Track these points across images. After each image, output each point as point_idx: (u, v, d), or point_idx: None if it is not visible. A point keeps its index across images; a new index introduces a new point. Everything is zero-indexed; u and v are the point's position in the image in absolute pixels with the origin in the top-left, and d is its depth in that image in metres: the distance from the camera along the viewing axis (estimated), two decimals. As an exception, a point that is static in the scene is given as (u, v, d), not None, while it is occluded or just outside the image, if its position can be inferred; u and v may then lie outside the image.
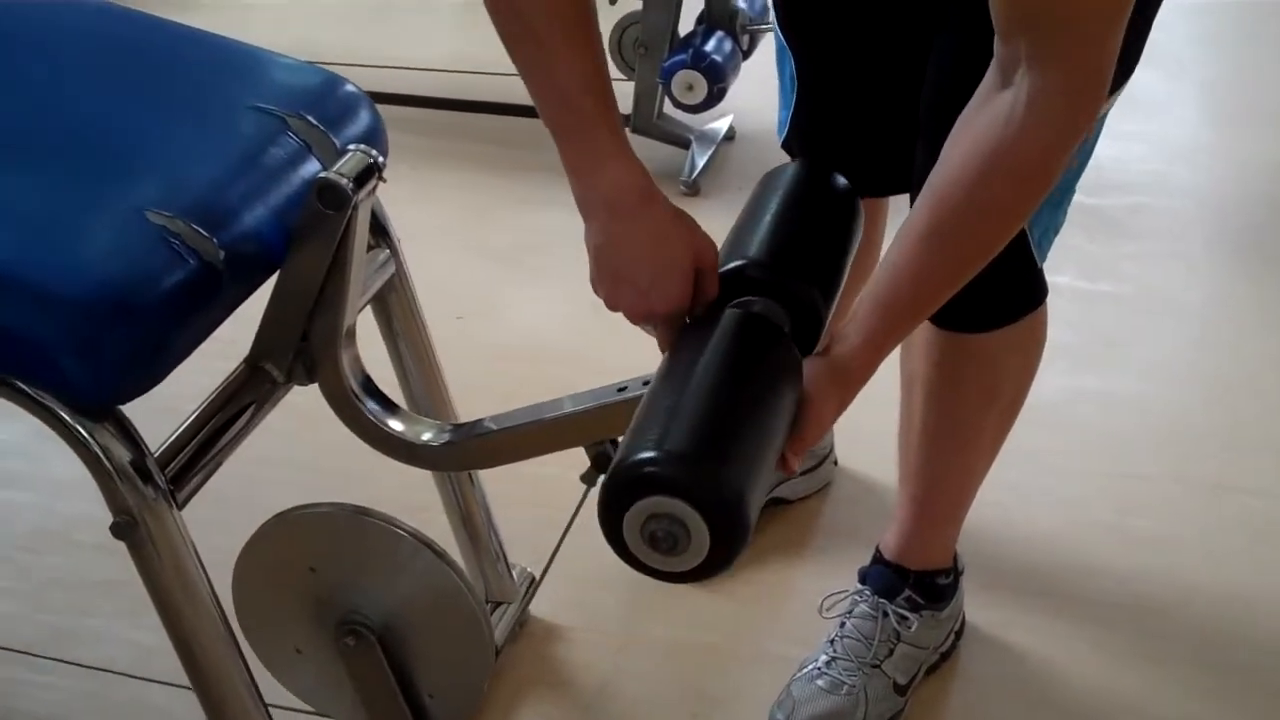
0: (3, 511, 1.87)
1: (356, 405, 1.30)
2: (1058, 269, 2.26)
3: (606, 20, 2.57)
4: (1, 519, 1.85)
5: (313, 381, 1.30)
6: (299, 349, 1.27)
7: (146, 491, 1.14)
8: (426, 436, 1.32)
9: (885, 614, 1.56)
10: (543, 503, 1.76)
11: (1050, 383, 2.04)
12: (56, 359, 1.09)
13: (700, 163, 2.57)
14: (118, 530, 1.14)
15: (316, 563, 1.36)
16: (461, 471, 1.54)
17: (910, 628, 1.56)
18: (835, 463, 1.90)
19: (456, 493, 1.56)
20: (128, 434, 1.13)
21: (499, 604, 1.64)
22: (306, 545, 1.35)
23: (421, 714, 1.43)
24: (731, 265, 1.15)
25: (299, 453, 1.75)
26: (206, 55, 1.42)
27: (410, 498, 1.52)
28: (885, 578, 1.58)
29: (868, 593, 1.58)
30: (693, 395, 1.03)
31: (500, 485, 1.58)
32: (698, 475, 0.98)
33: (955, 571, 1.61)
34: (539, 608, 1.69)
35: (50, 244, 1.12)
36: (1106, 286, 2.29)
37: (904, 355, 1.49)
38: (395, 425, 1.32)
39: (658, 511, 0.98)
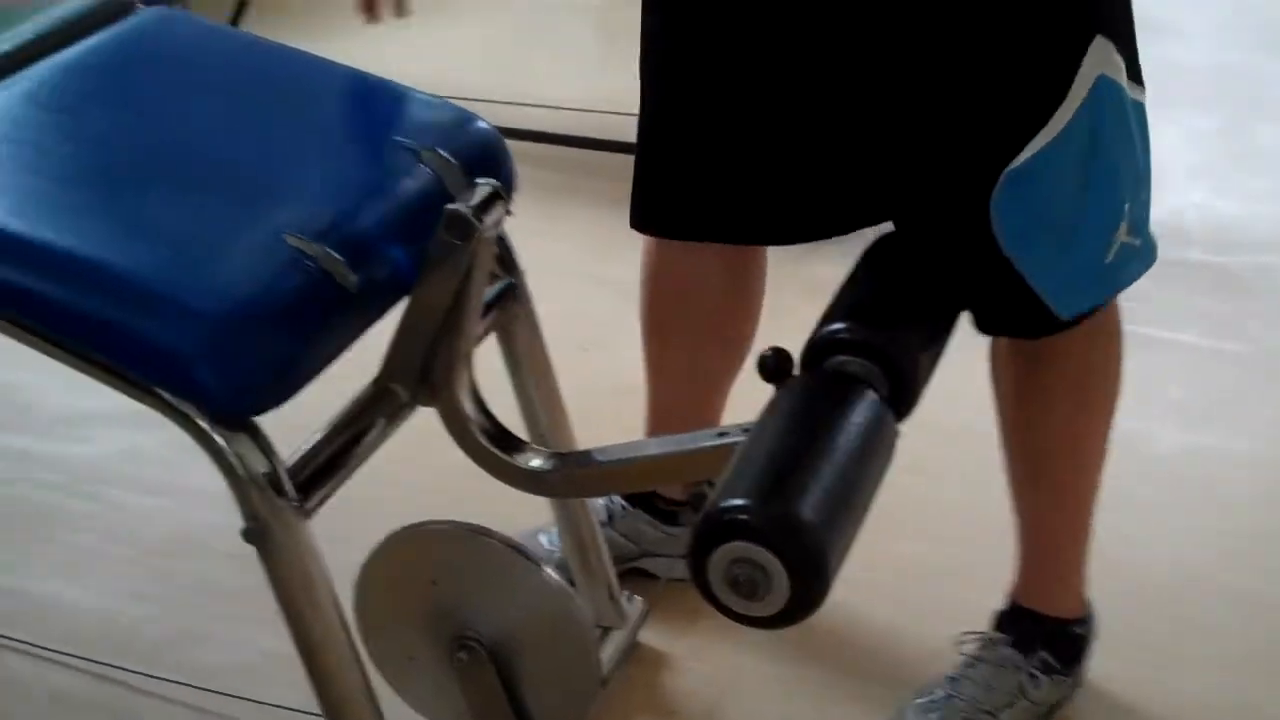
0: (140, 517, 1.95)
1: (471, 429, 1.36)
2: (1180, 327, 2.28)
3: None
4: (139, 524, 1.93)
5: (435, 404, 1.35)
6: (423, 371, 1.33)
7: (277, 501, 1.20)
8: (536, 463, 1.37)
9: (1018, 667, 1.56)
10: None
11: (1167, 439, 2.05)
12: (197, 370, 1.15)
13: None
14: (249, 536, 1.20)
15: (438, 576, 1.41)
16: (571, 498, 1.59)
17: (1039, 688, 1.56)
18: None
19: (570, 519, 1.61)
20: (262, 445, 1.19)
21: (609, 630, 1.68)
22: (430, 559, 1.41)
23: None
24: (833, 327, 1.20)
25: (416, 473, 1.80)
26: (346, 89, 1.50)
27: (527, 522, 1.57)
28: (1020, 626, 1.58)
29: (1004, 643, 1.57)
30: (785, 449, 1.09)
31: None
32: (782, 525, 1.03)
33: (1087, 622, 1.61)
34: (649, 636, 1.72)
35: (195, 263, 1.19)
36: (1229, 346, 2.27)
37: (994, 387, 1.51)
38: (507, 450, 1.37)
39: (742, 557, 1.03)
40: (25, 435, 2.11)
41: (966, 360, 1.41)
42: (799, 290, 1.34)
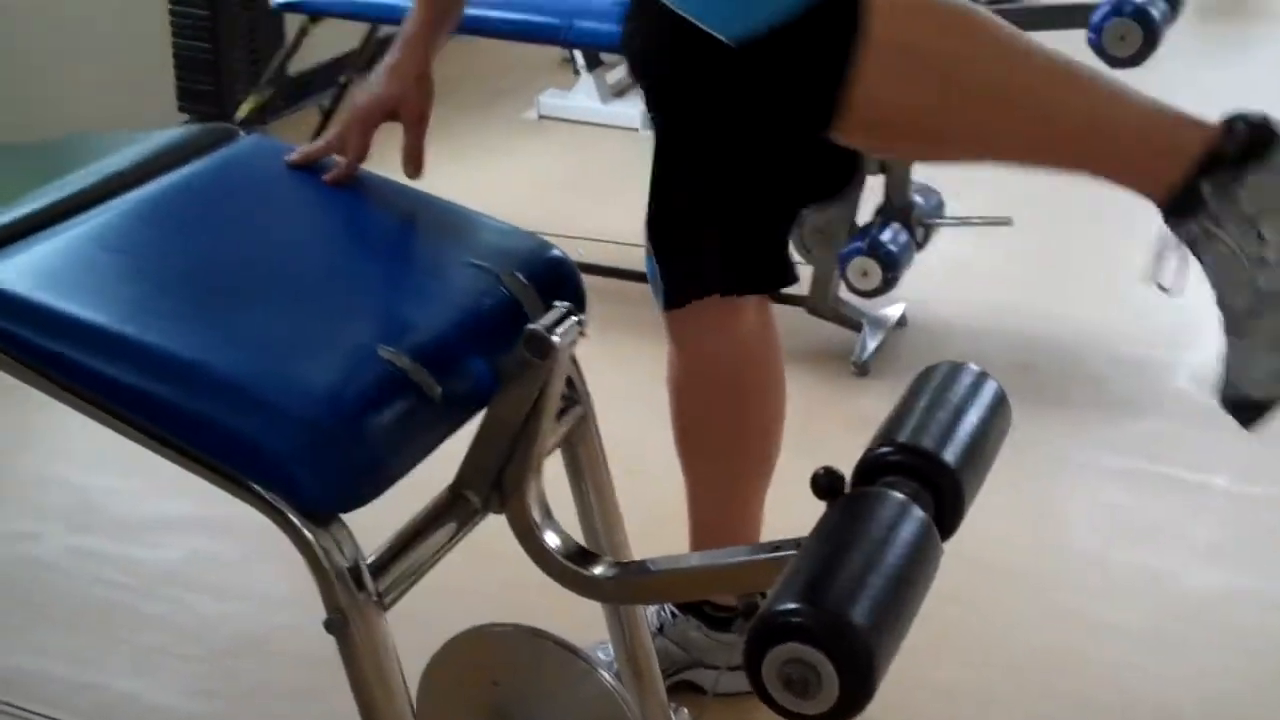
0: (208, 619, 2.03)
1: (539, 536, 1.44)
2: (1211, 469, 2.35)
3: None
4: (207, 626, 2.02)
5: (504, 512, 1.44)
6: (496, 480, 1.42)
7: (358, 594, 1.28)
8: (597, 570, 1.45)
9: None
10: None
11: (1196, 579, 2.11)
12: (290, 467, 1.25)
13: (871, 346, 2.69)
14: (330, 626, 1.28)
15: (499, 677, 1.48)
16: (628, 605, 1.66)
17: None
18: None
19: (624, 630, 1.68)
20: (346, 541, 1.28)
21: (657, 741, 1.74)
22: (492, 660, 1.48)
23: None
24: (883, 449, 1.28)
25: (481, 578, 1.88)
26: (432, 216, 1.61)
27: (583, 632, 1.64)
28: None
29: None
30: (837, 559, 1.16)
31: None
32: (834, 628, 1.09)
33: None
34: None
35: (294, 369, 1.29)
36: (1260, 489, 2.33)
37: None
38: (570, 557, 1.45)
39: (795, 657, 1.10)
40: (100, 537, 2.21)
41: (1006, 502, 1.49)
42: (841, 422, 1.42)
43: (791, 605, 1.11)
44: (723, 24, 1.42)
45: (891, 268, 2.59)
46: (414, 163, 1.63)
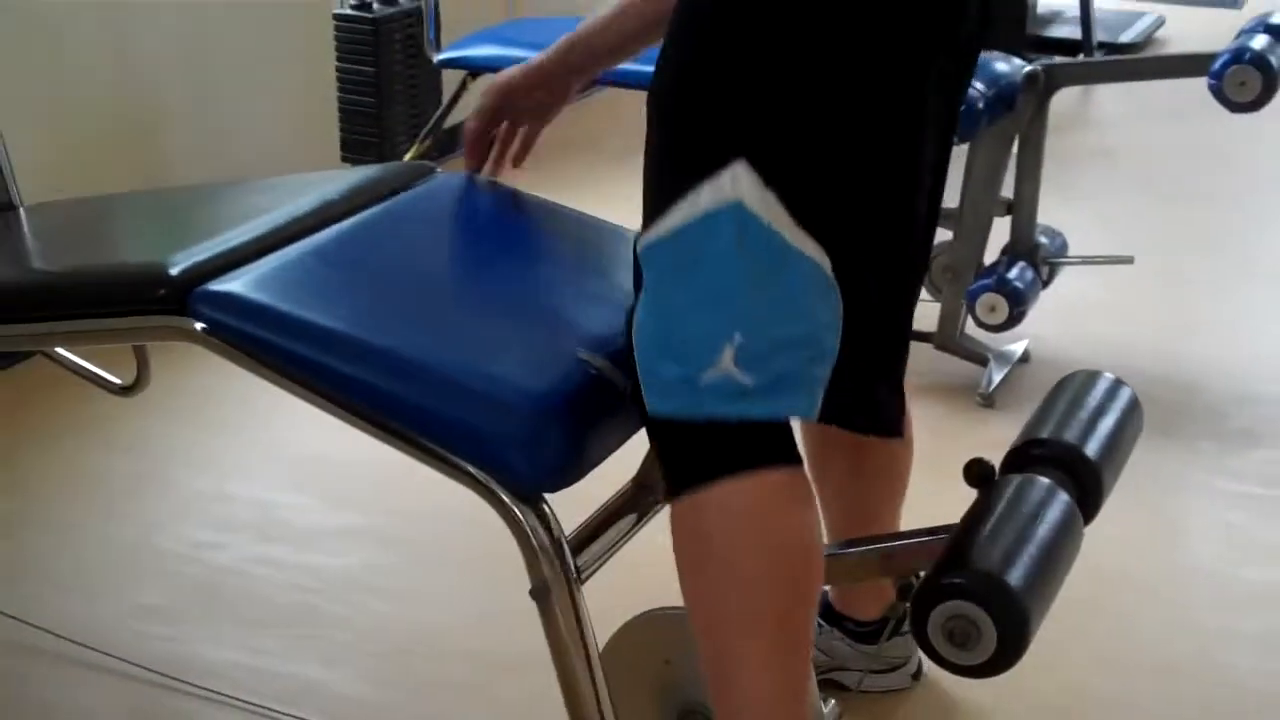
0: (383, 619, 2.20)
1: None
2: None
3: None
4: (382, 625, 2.19)
5: (682, 501, 1.60)
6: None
7: (559, 567, 1.44)
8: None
9: None
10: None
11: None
12: (504, 452, 1.42)
13: (996, 379, 2.82)
14: (535, 594, 1.44)
15: (671, 656, 1.64)
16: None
17: None
18: (916, 676, 1.98)
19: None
20: (549, 519, 1.44)
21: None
22: (666, 641, 1.64)
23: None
24: (1032, 443, 1.44)
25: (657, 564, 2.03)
26: (604, 237, 1.79)
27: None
28: None
29: None
30: (993, 533, 1.32)
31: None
32: (995, 588, 1.25)
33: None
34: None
35: (506, 368, 1.46)
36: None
37: None
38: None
39: (958, 613, 1.25)
40: (282, 546, 2.39)
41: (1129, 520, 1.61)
42: (969, 450, 1.50)
43: (955, 569, 1.26)
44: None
45: (1018, 303, 2.72)
46: (521, 153, 1.78)
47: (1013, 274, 2.75)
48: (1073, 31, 5.27)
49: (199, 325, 1.54)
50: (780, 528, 1.35)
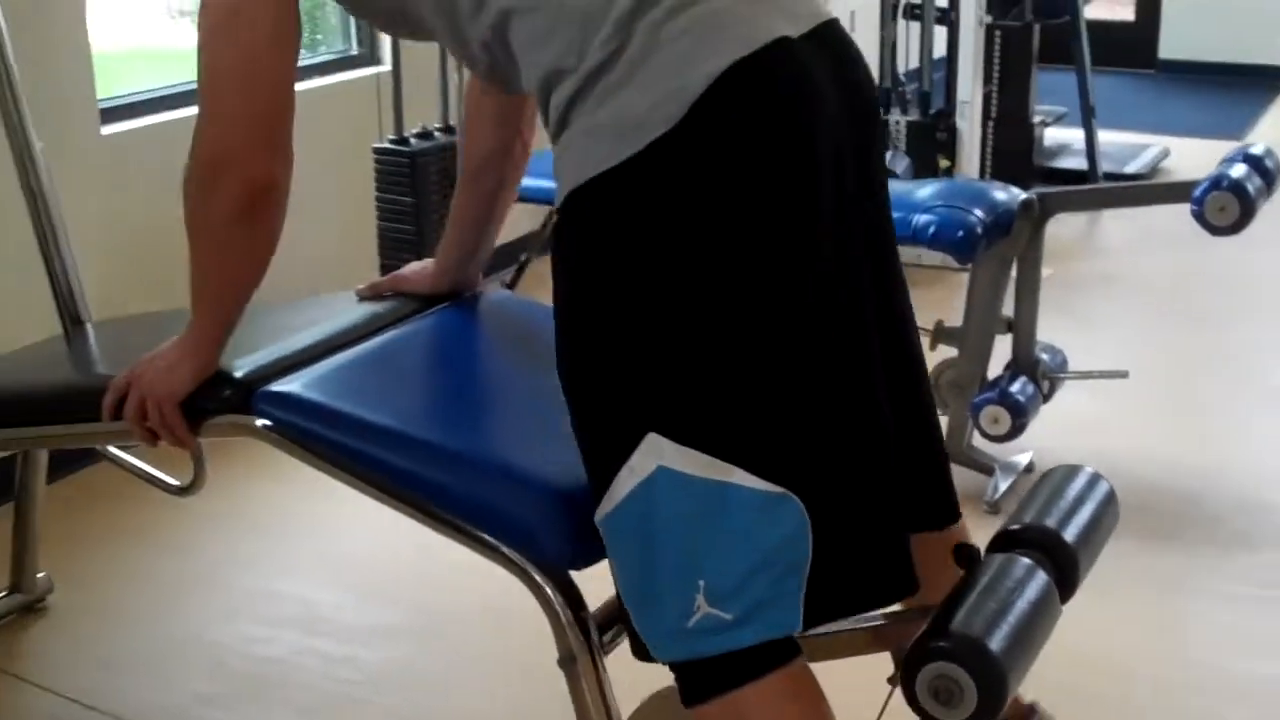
0: (431, 709, 2.34)
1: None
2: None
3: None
4: (431, 713, 2.33)
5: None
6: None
7: (583, 638, 1.59)
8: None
9: None
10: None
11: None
12: (534, 533, 1.58)
13: (1002, 487, 2.97)
14: (561, 663, 1.59)
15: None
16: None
17: None
18: None
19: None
20: (575, 595, 1.60)
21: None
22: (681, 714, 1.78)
23: None
24: (1014, 528, 1.58)
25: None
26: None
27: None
28: None
29: None
30: (977, 605, 1.45)
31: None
32: (976, 651, 1.38)
33: None
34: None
35: (533, 461, 1.63)
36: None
37: None
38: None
39: (944, 674, 1.38)
40: (329, 640, 2.54)
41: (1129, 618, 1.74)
42: None
43: (940, 634, 1.40)
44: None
45: (1019, 415, 2.87)
46: None
47: (1014, 388, 2.91)
48: (1079, 163, 5.48)
49: (260, 422, 1.72)
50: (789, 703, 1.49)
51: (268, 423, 1.71)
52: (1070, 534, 1.60)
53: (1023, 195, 2.91)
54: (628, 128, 1.39)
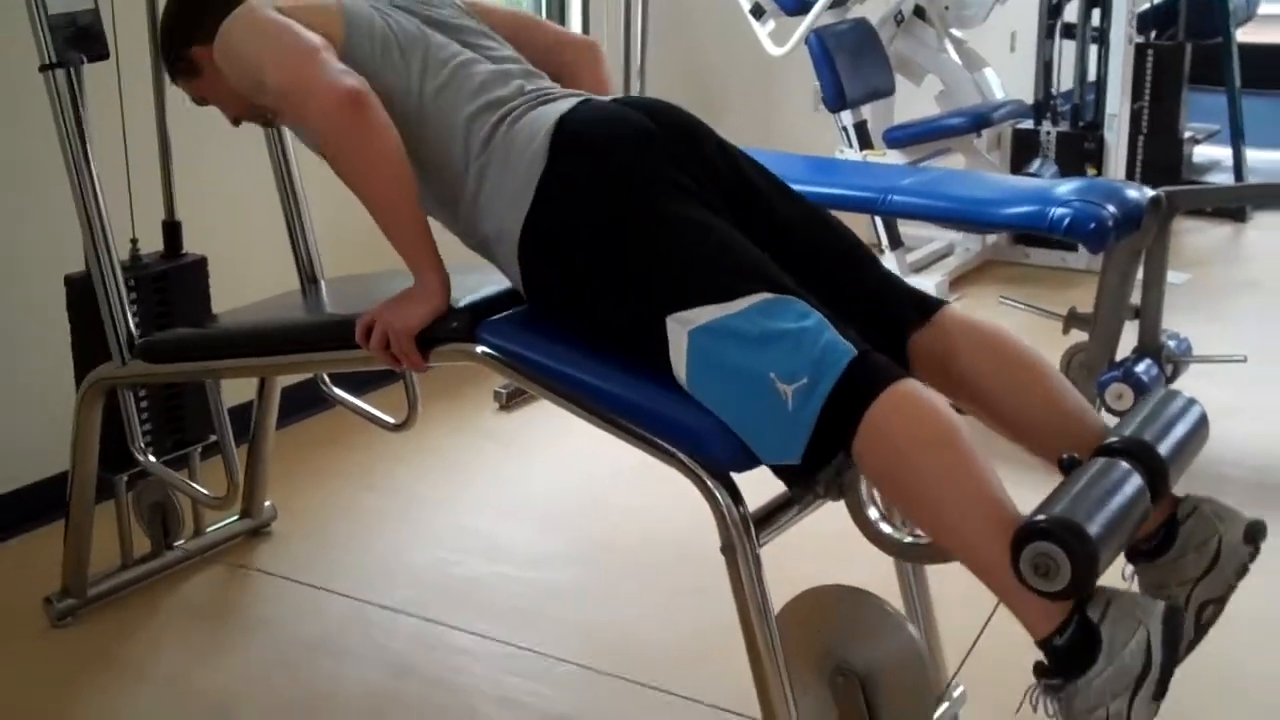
0: (592, 623, 2.69)
1: (867, 515, 2.05)
2: None
3: (1059, 347, 3.31)
4: (593, 627, 2.68)
5: (840, 499, 2.06)
6: (836, 480, 2.05)
7: (742, 529, 1.91)
8: (908, 540, 2.05)
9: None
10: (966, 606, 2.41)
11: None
12: (705, 442, 1.89)
13: (1126, 462, 3.22)
14: (724, 550, 1.91)
15: (824, 628, 2.08)
16: (921, 564, 2.23)
17: (1069, 704, 1.68)
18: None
19: (914, 585, 2.28)
20: (737, 495, 1.92)
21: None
22: (820, 614, 2.09)
23: (880, 742, 2.11)
24: (1112, 440, 1.83)
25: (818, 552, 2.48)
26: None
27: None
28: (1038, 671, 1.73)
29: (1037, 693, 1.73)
30: (1077, 496, 1.70)
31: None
32: (1073, 532, 1.63)
33: (1072, 625, 1.68)
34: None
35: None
36: None
37: None
38: (888, 530, 2.06)
39: (1044, 552, 1.63)
40: (509, 564, 2.91)
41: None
42: None
43: (1042, 518, 1.66)
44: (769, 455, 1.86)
45: (1141, 393, 3.12)
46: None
47: (1139, 368, 3.17)
48: (1227, 178, 5.67)
49: (481, 349, 2.07)
50: (917, 407, 1.77)
51: (488, 350, 2.07)
52: (1164, 447, 1.82)
53: (1151, 192, 3.16)
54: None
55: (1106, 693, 1.64)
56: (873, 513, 2.05)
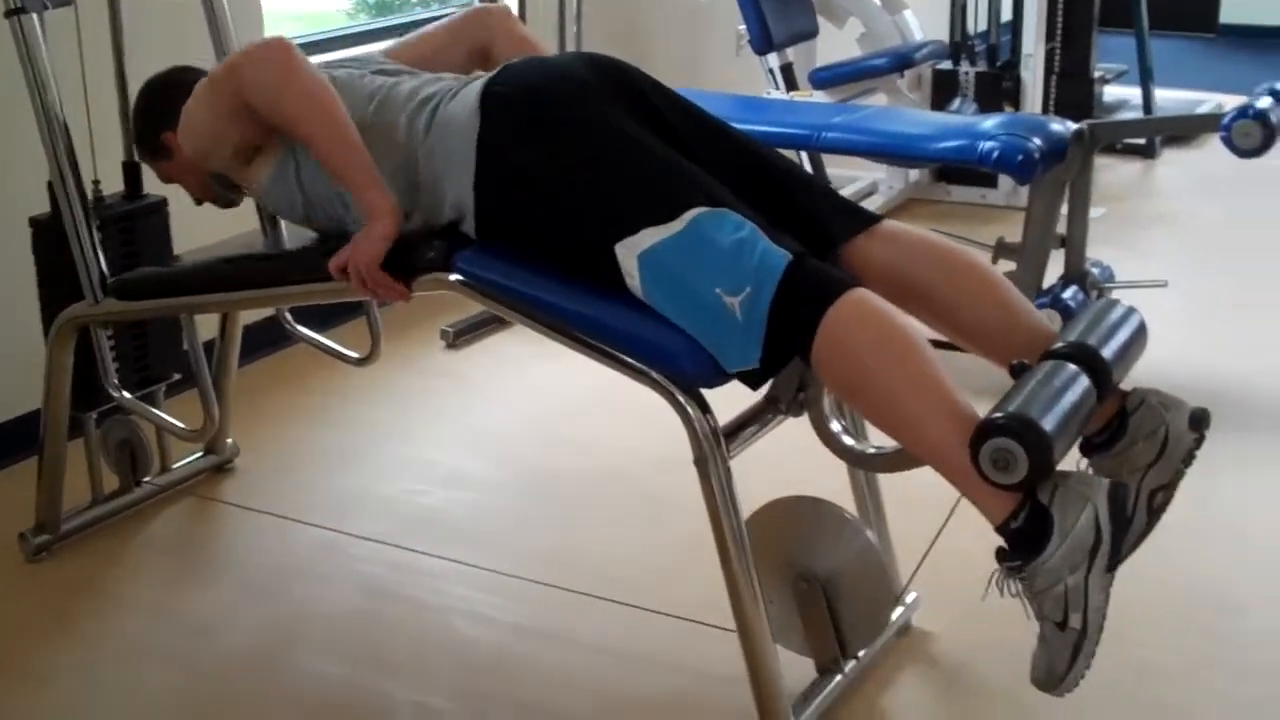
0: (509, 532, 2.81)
1: (830, 429, 2.18)
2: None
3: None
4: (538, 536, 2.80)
5: (801, 415, 2.18)
6: (796, 398, 2.17)
7: (715, 444, 2.03)
8: (870, 450, 2.19)
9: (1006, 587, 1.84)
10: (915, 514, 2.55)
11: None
12: (677, 359, 2.00)
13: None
14: (697, 463, 2.02)
15: (788, 535, 2.22)
16: (880, 473, 2.36)
17: (1032, 586, 1.79)
18: None
19: (869, 497, 2.42)
20: (706, 406, 2.03)
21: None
22: (784, 523, 2.22)
23: (842, 641, 2.25)
24: (1058, 345, 1.94)
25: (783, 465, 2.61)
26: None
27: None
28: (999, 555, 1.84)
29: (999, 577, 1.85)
30: (1029, 394, 1.81)
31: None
32: (1028, 427, 1.74)
33: (1026, 509, 1.79)
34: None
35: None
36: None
37: None
38: (849, 441, 2.19)
39: (1002, 447, 1.74)
40: (471, 492, 3.02)
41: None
42: None
43: (1000, 414, 1.76)
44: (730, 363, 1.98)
45: (1069, 317, 3.27)
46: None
47: (1066, 294, 3.32)
48: (1137, 116, 5.85)
49: (454, 277, 2.17)
50: (873, 314, 1.89)
51: (462, 278, 2.16)
52: (1107, 350, 1.93)
53: (1075, 126, 3.31)
54: None
55: (1063, 567, 1.76)
56: (835, 425, 2.20)
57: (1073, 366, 1.90)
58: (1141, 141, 5.73)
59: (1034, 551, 1.78)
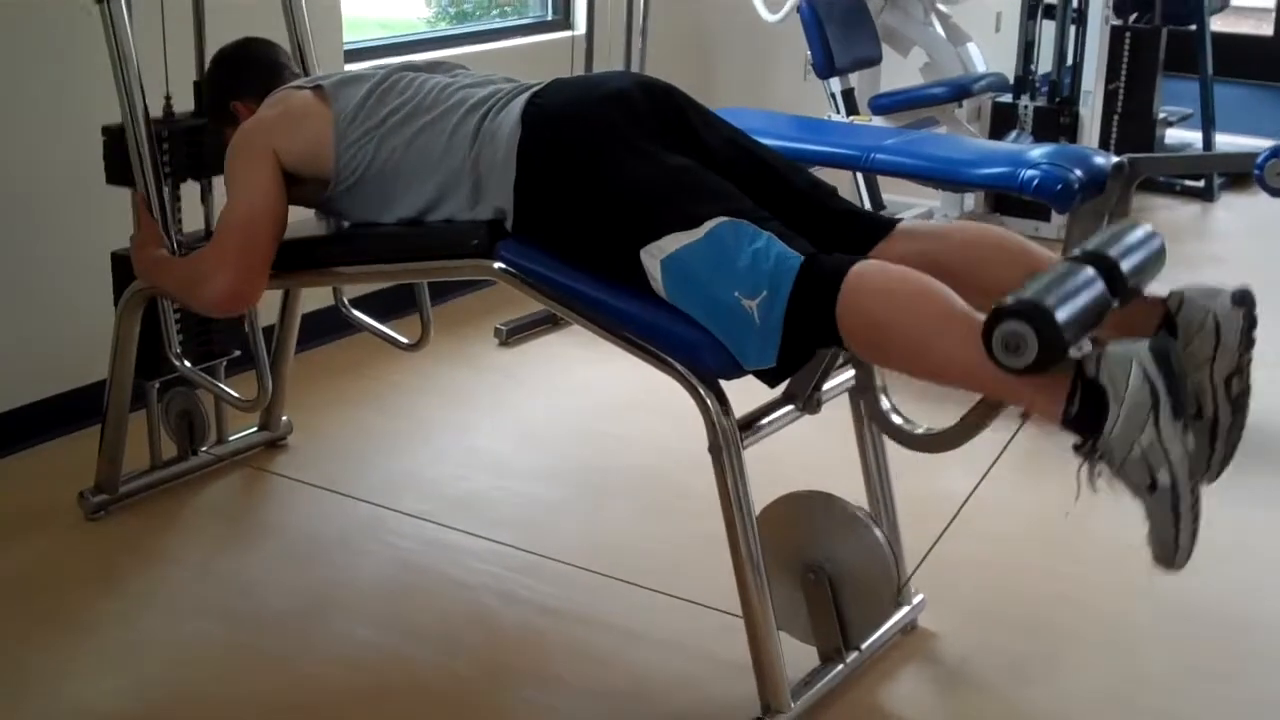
0: (544, 515, 2.94)
1: (880, 408, 2.29)
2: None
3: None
4: (566, 524, 2.92)
5: (817, 413, 2.30)
6: (814, 396, 2.29)
7: (730, 435, 2.14)
8: (919, 430, 2.28)
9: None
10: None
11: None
12: (697, 352, 2.13)
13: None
14: (712, 450, 2.14)
15: (799, 526, 2.33)
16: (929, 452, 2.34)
17: (1113, 463, 1.83)
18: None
19: (883, 499, 2.52)
20: (724, 398, 2.15)
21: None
22: (800, 513, 2.33)
23: (845, 632, 2.35)
24: (1076, 252, 1.96)
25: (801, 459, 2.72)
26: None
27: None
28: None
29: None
30: (1043, 288, 1.84)
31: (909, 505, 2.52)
32: (1040, 312, 1.78)
33: (1078, 390, 1.83)
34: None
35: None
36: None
37: None
38: (898, 420, 2.29)
39: (1014, 330, 1.79)
40: (515, 480, 3.15)
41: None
42: None
43: (1009, 300, 1.81)
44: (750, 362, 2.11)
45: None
46: None
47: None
48: (1197, 161, 5.90)
49: (498, 265, 2.31)
50: (881, 274, 1.99)
51: (504, 266, 2.30)
52: (1127, 265, 1.95)
53: (1115, 159, 3.40)
54: None
55: (1132, 429, 1.80)
56: (884, 403, 2.31)
57: (1083, 264, 1.91)
58: (1200, 184, 5.79)
59: (1099, 427, 1.82)
